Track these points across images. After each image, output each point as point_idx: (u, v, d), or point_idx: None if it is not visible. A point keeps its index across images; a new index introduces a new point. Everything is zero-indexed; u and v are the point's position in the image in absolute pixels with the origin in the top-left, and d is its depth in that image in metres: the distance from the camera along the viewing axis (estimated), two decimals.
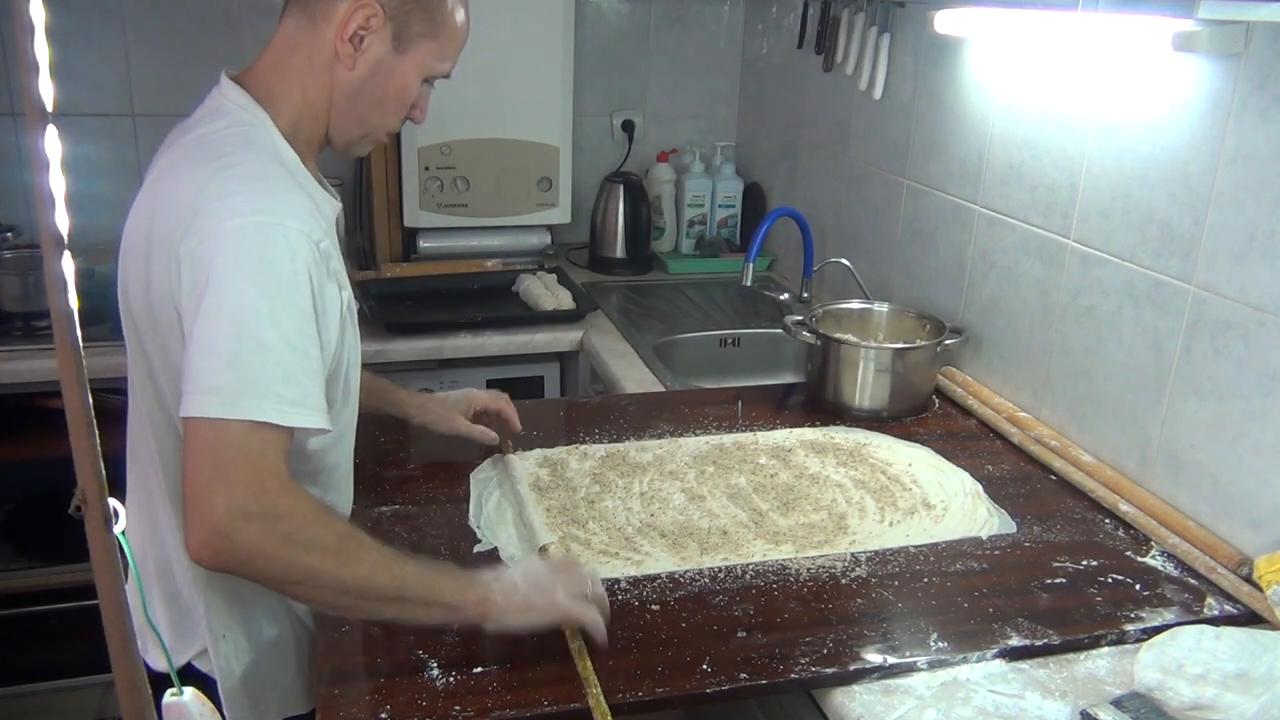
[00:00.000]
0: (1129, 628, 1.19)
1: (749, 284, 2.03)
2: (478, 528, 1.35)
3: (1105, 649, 1.17)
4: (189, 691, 1.06)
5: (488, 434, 1.50)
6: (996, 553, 1.34)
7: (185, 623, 1.21)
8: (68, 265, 0.79)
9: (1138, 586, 1.28)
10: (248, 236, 0.99)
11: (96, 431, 0.83)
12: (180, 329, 1.03)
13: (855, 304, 1.97)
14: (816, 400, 1.81)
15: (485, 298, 2.38)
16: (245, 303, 0.97)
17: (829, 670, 1.10)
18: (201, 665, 1.21)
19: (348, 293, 1.14)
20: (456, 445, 1.51)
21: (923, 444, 1.65)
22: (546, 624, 1.07)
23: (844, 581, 1.26)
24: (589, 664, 1.06)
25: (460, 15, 1.17)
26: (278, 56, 1.15)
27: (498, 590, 1.06)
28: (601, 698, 1.02)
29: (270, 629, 1.21)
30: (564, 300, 2.30)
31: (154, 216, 1.06)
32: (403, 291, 2.37)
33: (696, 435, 1.66)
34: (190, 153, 1.09)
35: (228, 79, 1.16)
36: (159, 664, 1.14)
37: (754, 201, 2.77)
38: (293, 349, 0.99)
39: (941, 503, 1.46)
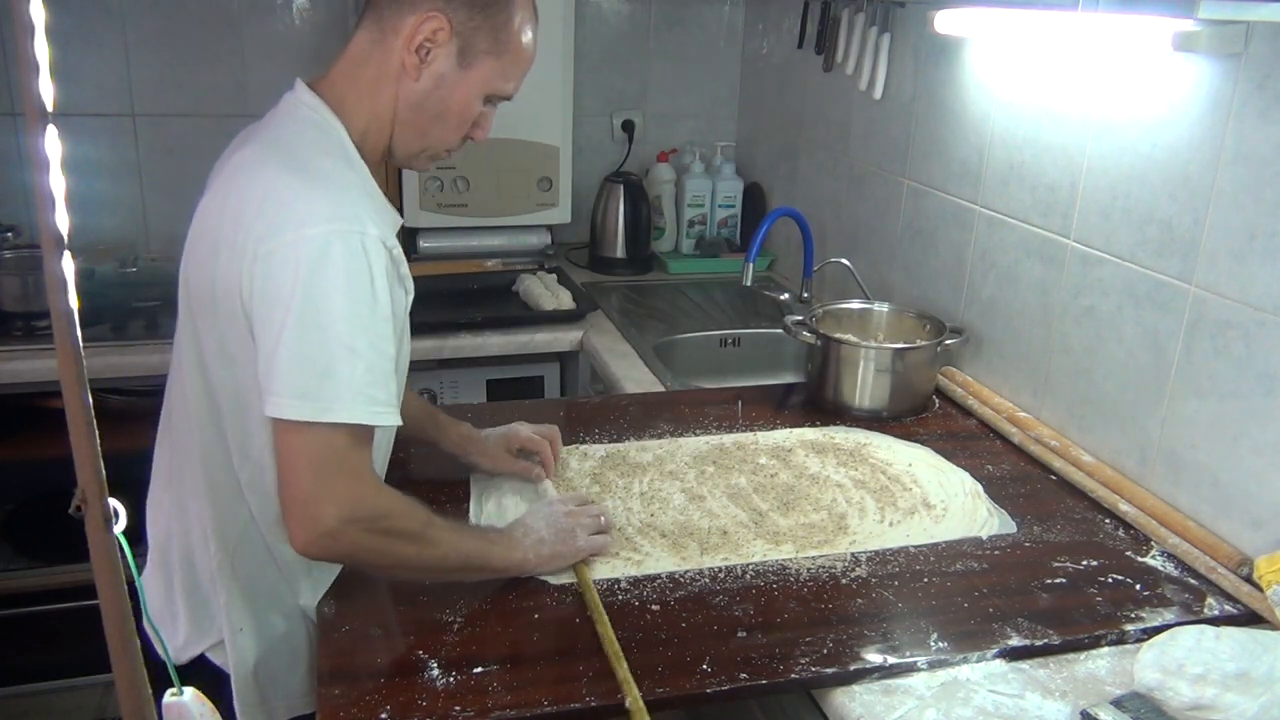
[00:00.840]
0: (1129, 628, 1.19)
1: (749, 284, 2.03)
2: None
3: (1105, 649, 1.17)
4: (189, 691, 1.06)
5: (533, 470, 1.45)
6: (996, 553, 1.34)
7: (203, 612, 1.22)
8: (68, 265, 0.79)
9: (1138, 586, 1.28)
10: (331, 244, 1.02)
11: (96, 431, 0.83)
12: (247, 325, 1.06)
13: (855, 304, 1.97)
14: (816, 400, 1.81)
15: (485, 298, 2.38)
16: (335, 310, 1.01)
17: (829, 670, 1.09)
18: (215, 657, 1.22)
19: (410, 296, 1.19)
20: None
21: (923, 444, 1.65)
22: (569, 564, 1.23)
23: (844, 581, 1.26)
24: (602, 615, 1.14)
25: (527, 37, 1.18)
26: (350, 66, 1.18)
27: (530, 548, 1.21)
28: (613, 637, 1.10)
29: (283, 625, 1.21)
30: (564, 300, 2.30)
31: (227, 213, 1.08)
32: None
33: (696, 435, 1.66)
34: (268, 153, 1.11)
35: (303, 84, 1.18)
36: (175, 657, 1.18)
37: (754, 201, 2.77)
38: (378, 353, 1.05)
39: (941, 503, 1.46)
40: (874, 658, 1.11)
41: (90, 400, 0.82)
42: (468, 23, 1.13)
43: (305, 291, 1.01)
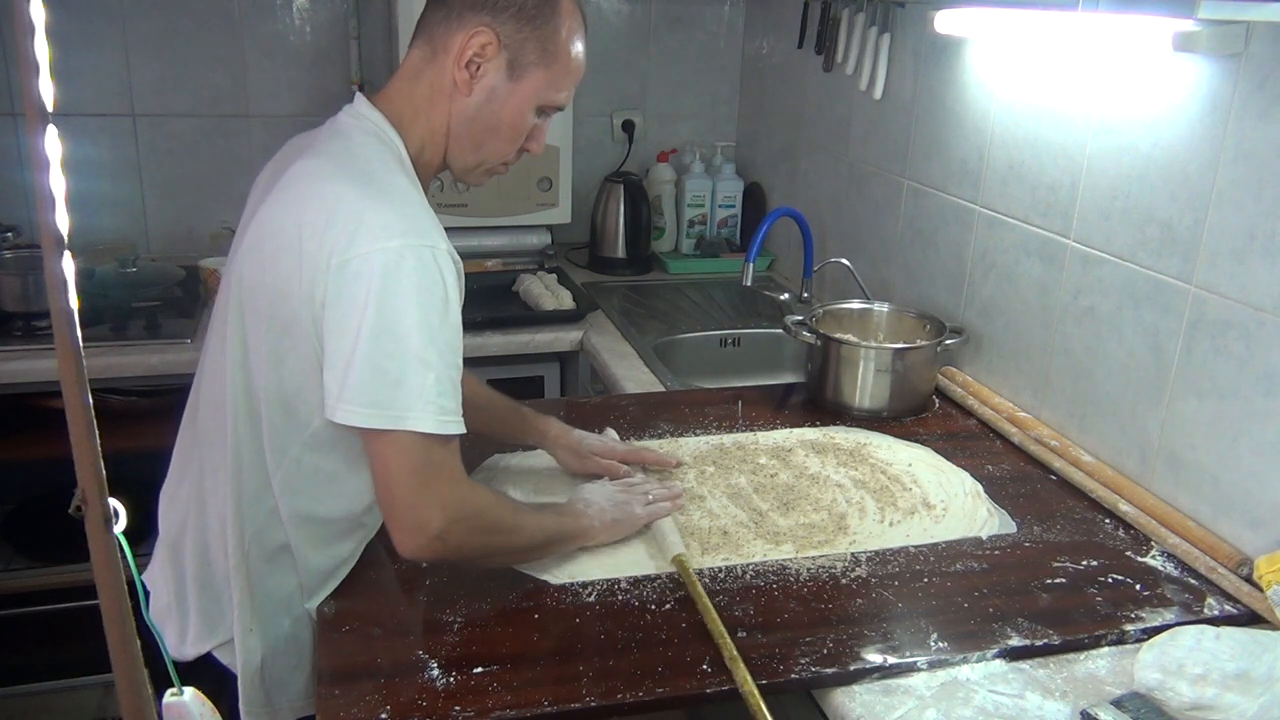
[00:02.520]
0: (1129, 628, 1.19)
1: (749, 284, 2.03)
2: None
3: (1105, 649, 1.17)
4: (189, 691, 1.06)
5: (615, 469, 1.46)
6: (996, 553, 1.34)
7: (215, 609, 1.22)
8: (68, 265, 0.79)
9: (1138, 586, 1.28)
10: (405, 257, 1.04)
11: (96, 431, 0.83)
12: (308, 331, 1.08)
13: (855, 304, 1.97)
14: (816, 400, 1.81)
15: (485, 298, 2.38)
16: (409, 322, 1.04)
17: (829, 670, 1.10)
18: (222, 656, 1.22)
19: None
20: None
21: (923, 444, 1.65)
22: (630, 532, 1.31)
23: (844, 581, 1.26)
24: (704, 600, 1.17)
25: (576, 46, 1.20)
26: (405, 84, 1.19)
27: (595, 517, 1.28)
28: (718, 619, 1.13)
29: (289, 626, 1.21)
30: (564, 300, 2.30)
31: (292, 220, 1.08)
32: None
33: (696, 435, 1.66)
34: (335, 165, 1.12)
35: (363, 98, 1.20)
36: (180, 653, 1.20)
37: (754, 201, 2.77)
38: (448, 364, 1.07)
39: (941, 503, 1.46)
40: (874, 658, 1.11)
41: (90, 400, 0.82)
42: (515, 35, 1.15)
43: (380, 303, 1.03)
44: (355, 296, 1.04)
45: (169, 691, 1.04)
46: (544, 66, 1.18)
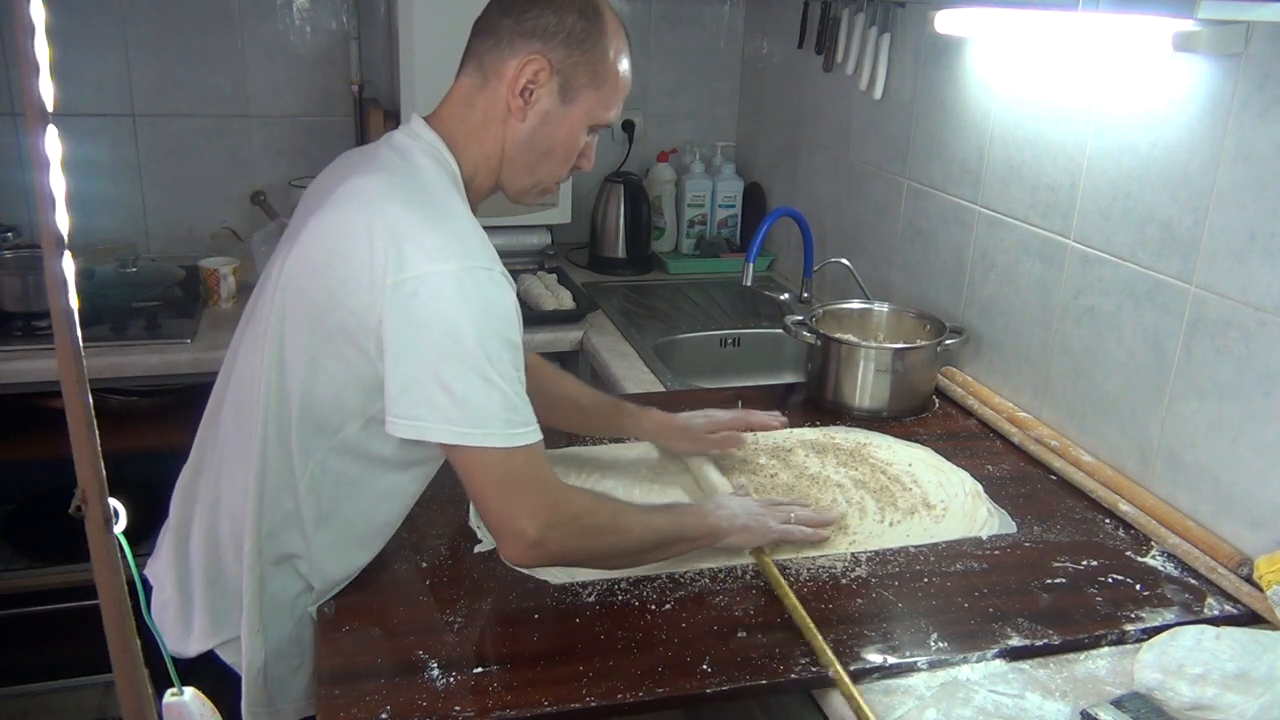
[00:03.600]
0: (1129, 628, 1.19)
1: (749, 284, 2.03)
2: (478, 528, 1.35)
3: (1105, 649, 1.17)
4: (189, 691, 1.06)
5: (732, 440, 1.53)
6: (996, 553, 1.34)
7: (223, 606, 1.22)
8: (68, 265, 0.79)
9: (1138, 586, 1.28)
10: (463, 280, 1.06)
11: (96, 431, 0.83)
12: (360, 345, 1.09)
13: (855, 304, 1.97)
14: (816, 400, 1.81)
15: None
16: (470, 343, 1.05)
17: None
18: (224, 654, 1.22)
19: None
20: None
21: (923, 444, 1.65)
22: (760, 542, 1.29)
23: (844, 581, 1.26)
24: (786, 590, 1.21)
25: (624, 65, 1.22)
26: (456, 109, 1.21)
27: (723, 518, 1.27)
28: (802, 611, 1.17)
29: (292, 627, 1.21)
30: (564, 300, 2.30)
31: (351, 237, 1.09)
32: None
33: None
34: (394, 184, 1.13)
35: (420, 120, 1.21)
36: (184, 649, 1.21)
37: (754, 201, 2.77)
38: (510, 380, 1.09)
39: (941, 503, 1.46)
40: (874, 658, 1.11)
41: (90, 400, 0.82)
42: (566, 60, 1.17)
43: (440, 324, 1.05)
44: (414, 317, 1.05)
45: (169, 691, 1.04)
46: (595, 88, 1.20)
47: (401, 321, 1.05)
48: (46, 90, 0.75)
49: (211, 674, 1.21)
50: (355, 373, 1.11)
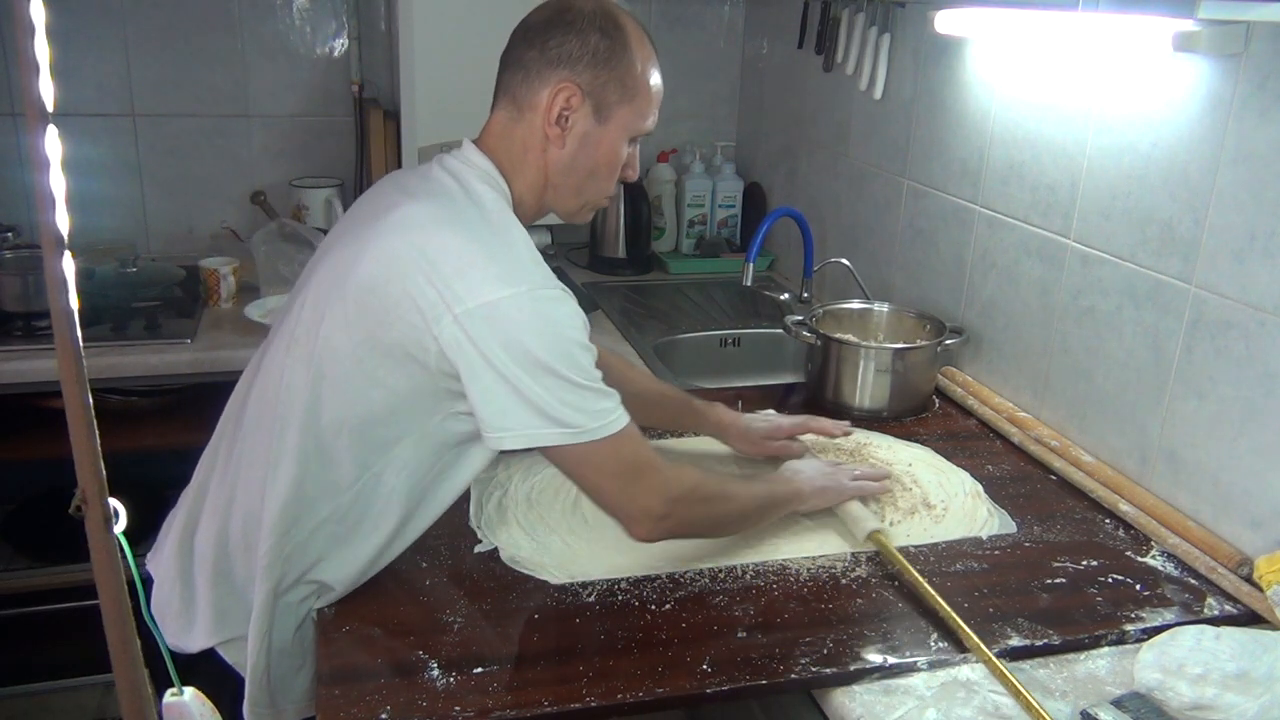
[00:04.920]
0: (1129, 628, 1.19)
1: (749, 284, 2.03)
2: (478, 528, 1.35)
3: (1105, 649, 1.17)
4: (189, 691, 1.06)
5: (792, 448, 1.56)
6: (996, 553, 1.34)
7: (226, 604, 1.22)
8: (68, 265, 0.79)
9: (1138, 586, 1.28)
10: (536, 299, 1.10)
11: (96, 431, 0.83)
12: (418, 363, 1.11)
13: (855, 304, 1.97)
14: (816, 400, 1.81)
15: None
16: (550, 357, 1.09)
17: (829, 670, 1.10)
18: (225, 653, 1.22)
19: None
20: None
21: (923, 444, 1.65)
22: (837, 500, 1.38)
23: (844, 581, 1.26)
24: (908, 567, 1.26)
25: (653, 76, 1.25)
26: (497, 140, 1.23)
27: (804, 482, 1.37)
28: (928, 586, 1.22)
29: (296, 628, 1.21)
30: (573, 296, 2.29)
31: (411, 262, 1.10)
32: None
33: (696, 435, 1.65)
34: (457, 211, 1.15)
35: (472, 145, 1.24)
36: (186, 645, 1.22)
37: (754, 201, 2.77)
38: (593, 377, 1.14)
39: (941, 503, 1.46)
40: (874, 658, 1.11)
41: (90, 400, 0.82)
42: (595, 81, 1.19)
43: (524, 344, 1.07)
44: (492, 342, 1.07)
45: (169, 691, 1.05)
46: (628, 101, 1.22)
47: (480, 348, 1.07)
48: (46, 90, 0.75)
49: (212, 673, 1.21)
50: (413, 390, 1.13)
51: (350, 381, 1.13)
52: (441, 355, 1.09)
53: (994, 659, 1.10)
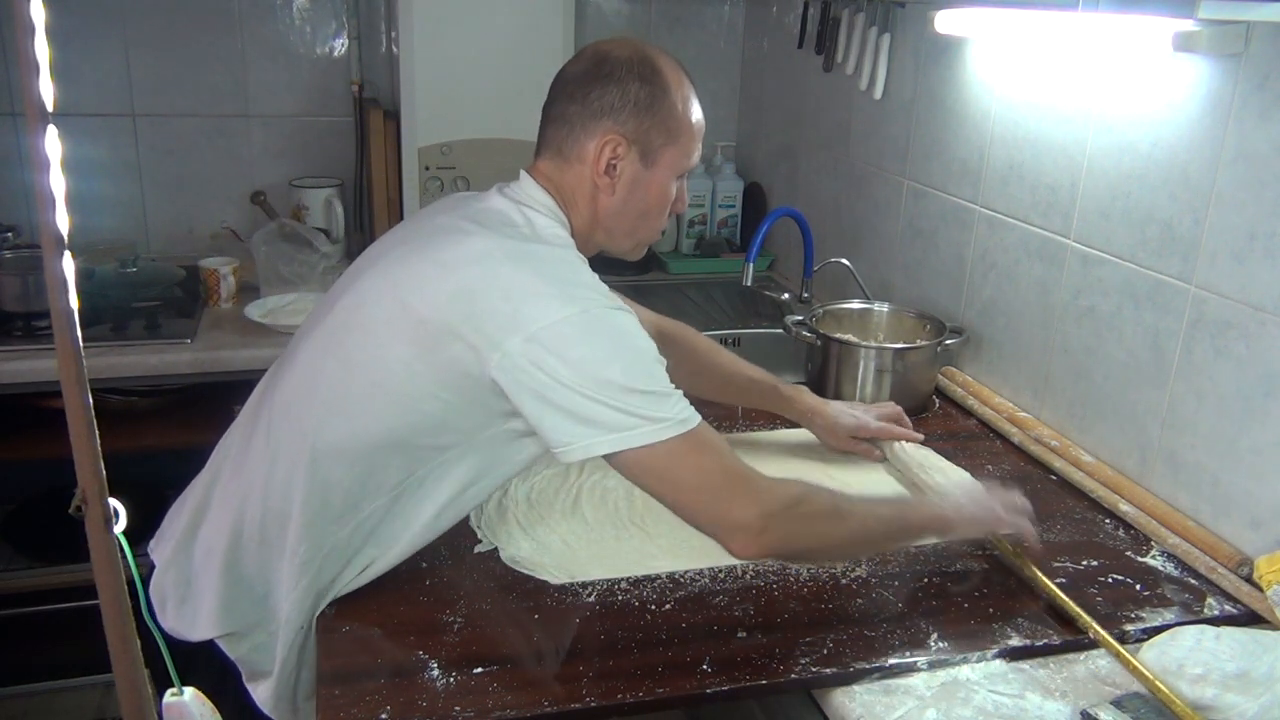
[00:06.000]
0: (1129, 628, 1.19)
1: (749, 284, 2.03)
2: (478, 528, 1.35)
3: (1105, 649, 1.17)
4: (189, 691, 1.06)
5: (874, 453, 1.57)
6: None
7: (233, 595, 1.21)
8: (68, 265, 0.79)
9: (1138, 586, 1.28)
10: (598, 318, 1.10)
11: (96, 431, 0.83)
12: (478, 380, 1.10)
13: (855, 304, 1.97)
14: None
15: None
16: (627, 362, 1.08)
17: (829, 670, 1.10)
18: (225, 645, 1.22)
19: None
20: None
21: (922, 444, 1.65)
22: (987, 533, 1.28)
23: (844, 581, 1.26)
24: (1027, 563, 1.26)
25: (695, 113, 1.27)
26: (548, 183, 1.24)
27: (950, 508, 1.26)
28: (1049, 583, 1.22)
29: (307, 626, 1.21)
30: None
31: (473, 293, 1.10)
32: None
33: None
34: (523, 244, 1.16)
35: (529, 177, 1.25)
36: (188, 633, 1.22)
37: (754, 201, 2.77)
38: (662, 381, 1.11)
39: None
40: (874, 658, 1.11)
41: (90, 400, 0.82)
42: (640, 128, 1.21)
43: (585, 361, 1.07)
44: (546, 359, 1.07)
45: (169, 691, 1.05)
46: (672, 143, 1.24)
47: (543, 368, 1.07)
48: (46, 90, 0.75)
49: (211, 670, 1.21)
50: (468, 400, 1.13)
51: (404, 393, 1.13)
52: (496, 381, 1.09)
53: (1118, 646, 1.12)
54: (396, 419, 1.14)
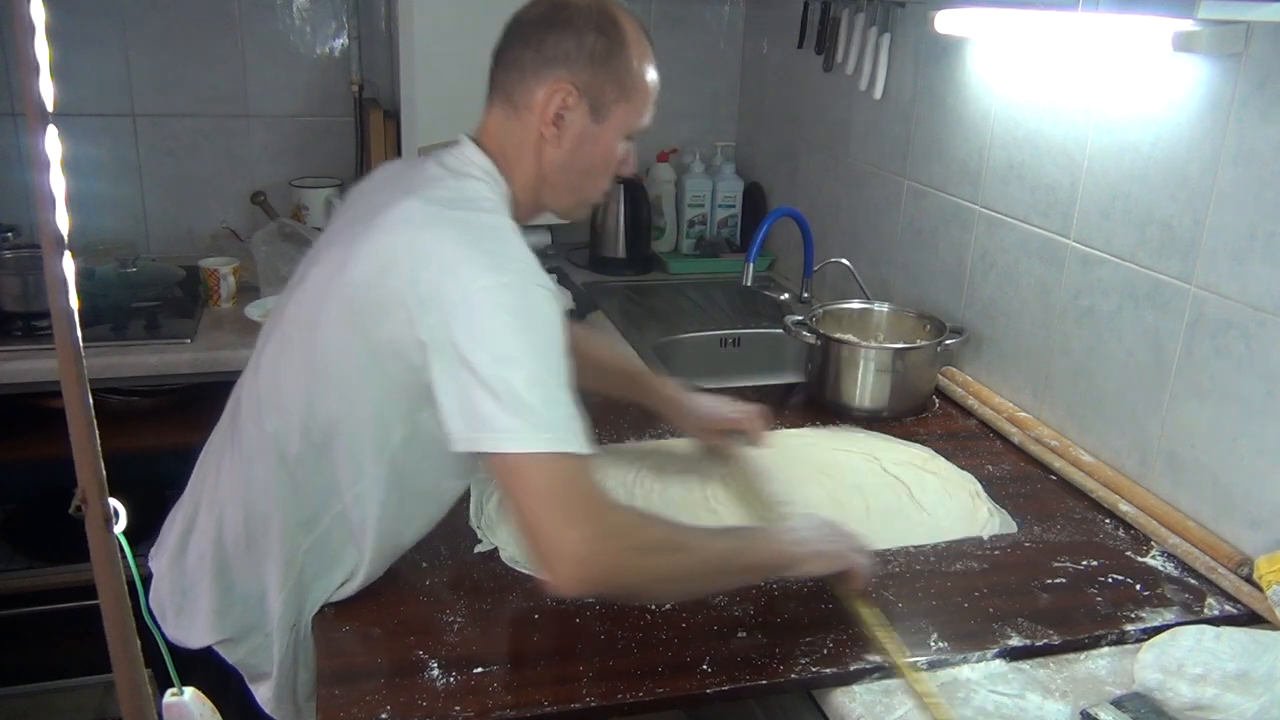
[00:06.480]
0: (1129, 628, 1.19)
1: (749, 284, 2.03)
2: (478, 528, 1.35)
3: (1105, 649, 1.17)
4: (189, 691, 1.06)
5: (732, 445, 1.52)
6: (997, 553, 1.34)
7: (225, 602, 1.21)
8: (68, 265, 0.79)
9: (1138, 586, 1.28)
10: (516, 294, 1.05)
11: (96, 431, 0.83)
12: (407, 361, 1.07)
13: (855, 304, 1.97)
14: (816, 400, 1.81)
15: None
16: (534, 351, 1.03)
17: (829, 670, 1.10)
18: (224, 651, 1.22)
19: None
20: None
21: (923, 444, 1.65)
22: (832, 571, 1.19)
23: None
24: (854, 599, 1.18)
25: (649, 73, 1.22)
26: (493, 140, 1.21)
27: (793, 543, 1.18)
28: (893, 637, 1.13)
29: (304, 626, 1.22)
30: (564, 300, 2.30)
31: (403, 262, 1.07)
32: None
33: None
34: (450, 206, 1.12)
35: (469, 140, 1.21)
36: (186, 641, 1.20)
37: (754, 201, 2.77)
38: (563, 387, 1.06)
39: (941, 503, 1.46)
40: (874, 658, 1.11)
41: (90, 400, 0.82)
42: (592, 81, 1.17)
43: (507, 337, 1.03)
44: (466, 334, 1.03)
45: (169, 691, 1.05)
46: (624, 100, 1.20)
47: (453, 339, 1.04)
48: (46, 90, 0.75)
49: (211, 672, 1.22)
50: (405, 383, 1.10)
51: (347, 380, 1.13)
52: (424, 351, 1.06)
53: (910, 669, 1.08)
54: (345, 408, 1.13)
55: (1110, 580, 1.29)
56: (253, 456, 1.19)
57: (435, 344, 1.05)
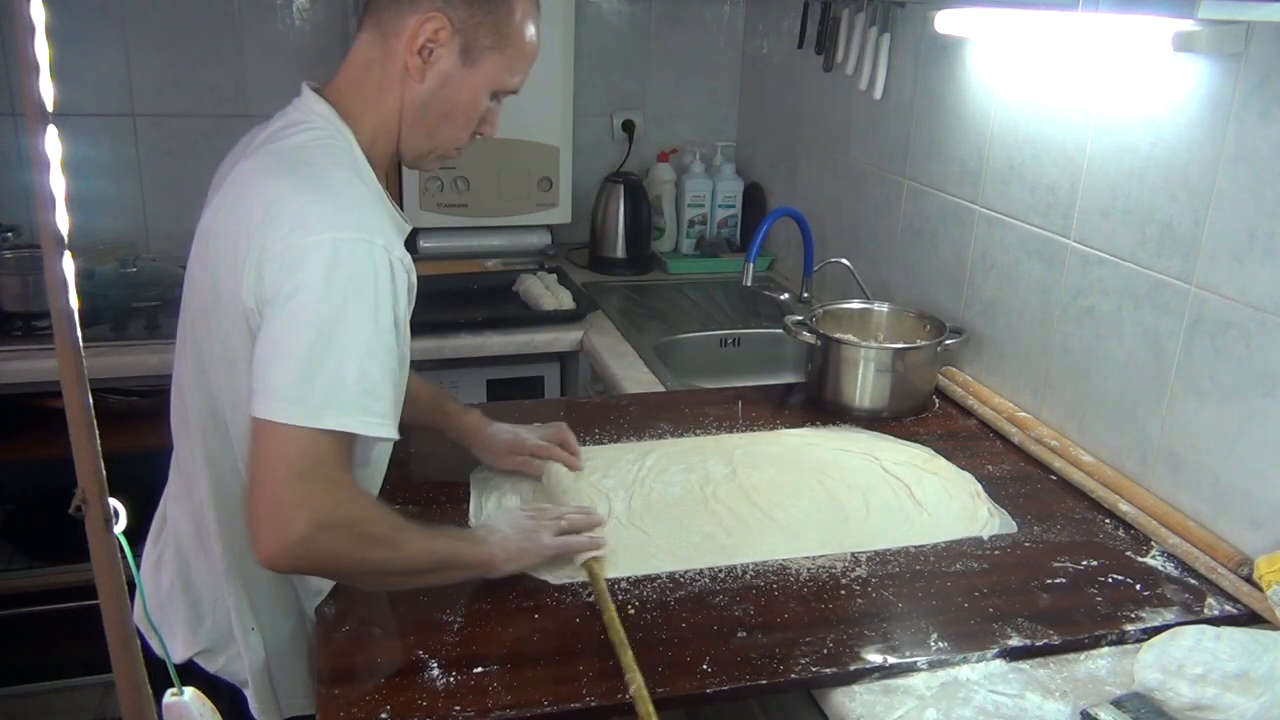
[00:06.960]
0: (1129, 628, 1.19)
1: (749, 284, 2.03)
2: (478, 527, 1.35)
3: (1105, 649, 1.17)
4: (189, 691, 1.06)
5: (531, 465, 1.45)
6: (996, 553, 1.34)
7: (194, 614, 1.22)
8: (68, 265, 0.79)
9: (1138, 586, 1.28)
10: (338, 250, 1.01)
11: (96, 431, 0.83)
12: (248, 330, 1.04)
13: (855, 304, 1.96)
14: (816, 400, 1.81)
15: (485, 298, 2.38)
16: (331, 314, 1.00)
17: (829, 670, 1.10)
18: (203, 663, 1.22)
19: (413, 303, 1.17)
20: (457, 446, 1.51)
21: (923, 444, 1.65)
22: (539, 564, 1.21)
23: (844, 581, 1.26)
24: (607, 602, 1.16)
25: (530, 30, 1.18)
26: (354, 72, 1.17)
27: (496, 545, 1.18)
28: (617, 620, 1.12)
29: (289, 625, 1.22)
30: (564, 300, 2.30)
31: (233, 220, 1.06)
32: None
33: (696, 435, 1.65)
34: (277, 162, 1.10)
35: (310, 91, 1.16)
36: (173, 654, 1.17)
37: (754, 201, 2.77)
38: (378, 363, 1.02)
39: (941, 503, 1.46)
40: (874, 658, 1.11)
41: (90, 400, 0.82)
42: (469, 20, 1.12)
43: (303, 294, 1.00)
44: (282, 288, 1.00)
45: (169, 691, 1.04)
46: (498, 51, 1.15)
47: (270, 295, 1.01)
48: (46, 90, 0.75)
49: (208, 676, 1.22)
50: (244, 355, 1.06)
51: (219, 363, 1.10)
52: (255, 312, 1.03)
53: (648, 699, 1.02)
54: (232, 392, 1.10)
55: (1110, 580, 1.29)
56: (185, 463, 1.19)
57: (264, 299, 1.02)
